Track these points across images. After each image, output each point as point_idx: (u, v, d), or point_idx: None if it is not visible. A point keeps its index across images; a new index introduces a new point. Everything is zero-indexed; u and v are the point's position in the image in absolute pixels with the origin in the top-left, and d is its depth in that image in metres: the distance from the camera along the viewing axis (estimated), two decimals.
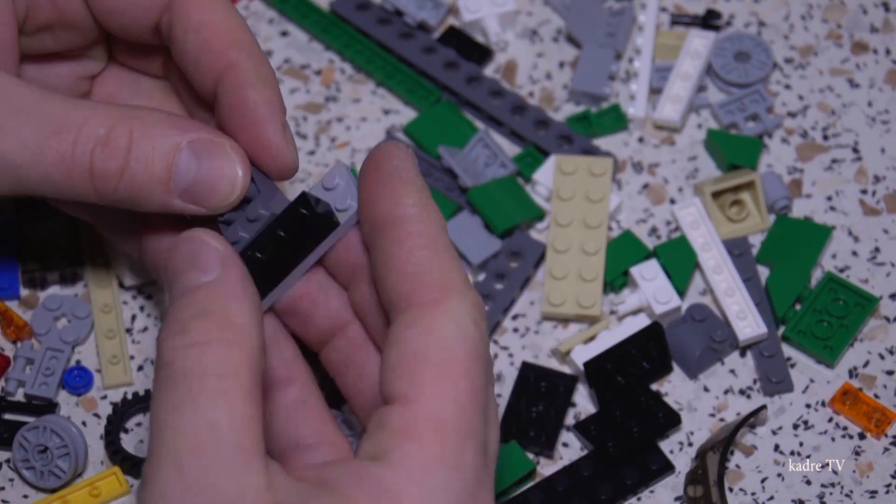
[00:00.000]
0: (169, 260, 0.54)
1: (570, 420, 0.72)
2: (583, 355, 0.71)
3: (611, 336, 0.72)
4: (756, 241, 0.76)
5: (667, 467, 0.70)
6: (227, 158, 0.58)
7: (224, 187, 0.58)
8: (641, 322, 0.73)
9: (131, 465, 0.69)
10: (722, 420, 0.72)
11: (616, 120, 0.79)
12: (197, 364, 0.51)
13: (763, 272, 0.75)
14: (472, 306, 0.53)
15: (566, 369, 0.73)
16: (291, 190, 0.78)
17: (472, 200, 0.76)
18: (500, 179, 0.76)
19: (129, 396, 0.71)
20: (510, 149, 0.79)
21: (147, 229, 0.63)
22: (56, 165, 0.58)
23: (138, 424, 0.72)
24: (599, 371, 0.71)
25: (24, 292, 0.75)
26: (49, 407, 0.71)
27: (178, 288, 0.54)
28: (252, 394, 0.51)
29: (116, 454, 0.70)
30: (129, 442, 0.71)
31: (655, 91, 0.80)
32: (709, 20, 0.82)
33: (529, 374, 0.72)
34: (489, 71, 0.81)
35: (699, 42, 0.80)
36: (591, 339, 0.73)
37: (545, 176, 0.77)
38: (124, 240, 0.66)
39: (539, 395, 0.72)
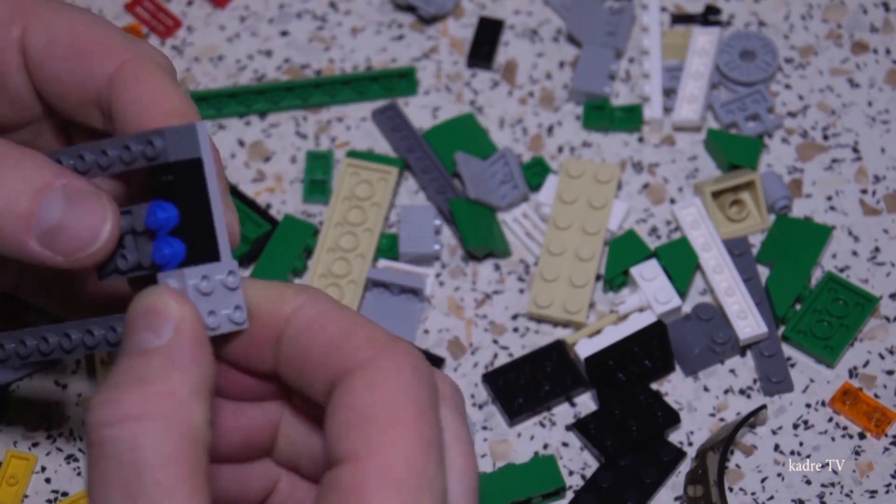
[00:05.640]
0: (129, 314, 0.49)
1: (569, 419, 0.72)
2: (587, 349, 0.71)
3: (616, 331, 0.72)
4: (756, 241, 0.76)
5: (679, 456, 0.70)
6: (97, 208, 0.53)
7: (87, 234, 0.53)
8: (647, 318, 0.73)
9: None
10: (722, 420, 0.72)
11: (631, 120, 0.79)
12: (131, 451, 0.45)
13: (763, 272, 0.75)
14: (405, 355, 0.49)
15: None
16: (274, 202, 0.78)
17: (452, 210, 0.76)
18: (484, 207, 0.76)
19: None
20: None
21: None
22: None
23: None
24: (600, 367, 0.71)
25: None
26: None
27: (123, 347, 0.49)
28: (196, 484, 0.46)
29: None
30: None
31: (665, 91, 0.80)
32: (708, 16, 0.82)
33: (553, 353, 0.72)
34: (490, 71, 0.81)
35: (705, 39, 0.80)
36: (597, 332, 0.73)
37: (548, 196, 0.76)
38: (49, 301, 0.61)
39: (545, 374, 0.72)
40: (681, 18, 0.82)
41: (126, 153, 0.52)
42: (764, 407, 0.71)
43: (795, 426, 0.72)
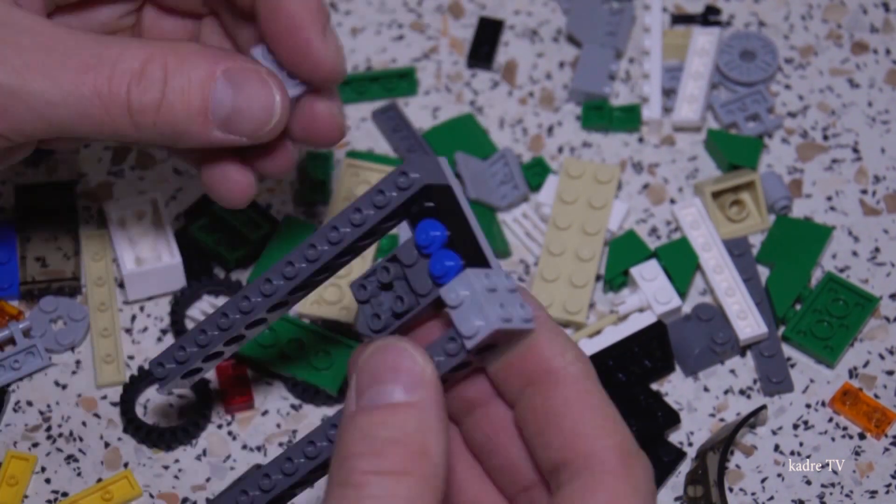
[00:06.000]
0: (365, 363, 0.51)
1: None
2: (587, 349, 0.72)
3: (616, 332, 0.72)
4: (756, 241, 0.76)
5: (679, 456, 0.70)
6: (262, 85, 0.59)
7: (261, 113, 0.59)
8: (647, 319, 0.73)
9: (145, 433, 0.70)
10: (722, 420, 0.72)
11: (630, 120, 0.79)
12: (391, 497, 0.49)
13: (763, 272, 0.75)
14: (646, 470, 0.52)
15: None
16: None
17: None
18: (484, 207, 0.76)
19: (147, 367, 0.72)
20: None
21: None
22: (92, 101, 0.58)
23: (148, 400, 0.73)
24: (600, 367, 0.71)
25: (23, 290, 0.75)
26: None
27: (371, 397, 0.50)
28: None
29: (131, 423, 0.71)
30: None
31: (665, 91, 0.80)
32: (708, 16, 0.82)
33: None
34: (490, 71, 0.81)
35: (705, 39, 0.80)
36: (597, 332, 0.73)
37: (548, 196, 0.76)
38: None
39: None
40: (681, 18, 0.82)
41: (380, 197, 0.53)
42: (764, 407, 0.71)
43: (795, 426, 0.72)
